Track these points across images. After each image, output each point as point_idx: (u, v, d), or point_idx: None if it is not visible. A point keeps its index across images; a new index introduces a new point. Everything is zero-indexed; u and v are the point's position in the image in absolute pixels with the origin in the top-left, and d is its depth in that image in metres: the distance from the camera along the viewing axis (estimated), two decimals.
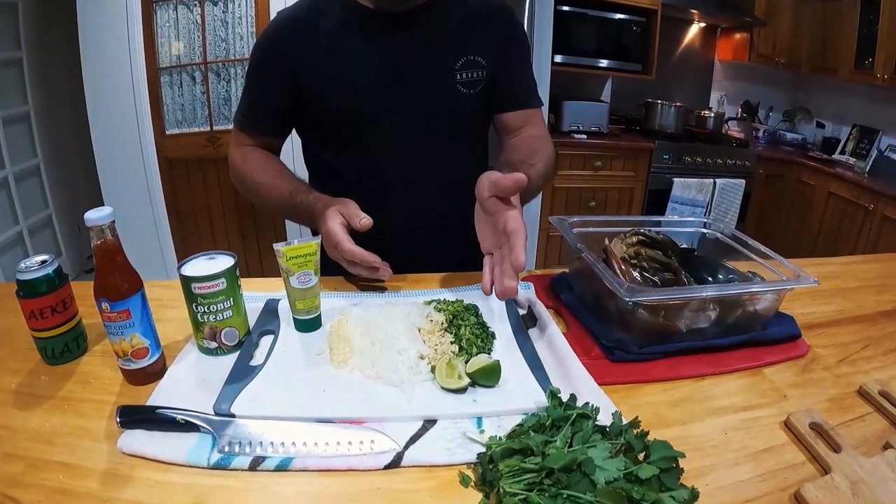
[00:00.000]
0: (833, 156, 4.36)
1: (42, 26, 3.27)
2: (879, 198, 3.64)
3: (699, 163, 4.16)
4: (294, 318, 1.07)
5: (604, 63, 4.19)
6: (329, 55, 1.28)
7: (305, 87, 1.30)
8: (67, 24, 3.07)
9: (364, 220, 1.12)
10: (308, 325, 1.07)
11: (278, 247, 1.01)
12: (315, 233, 1.17)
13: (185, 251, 1.01)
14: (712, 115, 4.57)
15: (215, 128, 3.45)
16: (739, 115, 4.95)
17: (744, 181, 4.20)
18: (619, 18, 4.12)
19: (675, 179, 4.10)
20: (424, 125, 1.34)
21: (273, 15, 1.34)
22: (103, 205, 0.85)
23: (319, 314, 1.08)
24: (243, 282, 1.04)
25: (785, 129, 4.90)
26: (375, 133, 1.32)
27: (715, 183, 4.13)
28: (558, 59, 3.92)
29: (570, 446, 0.72)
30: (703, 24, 4.83)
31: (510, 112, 1.44)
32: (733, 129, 4.78)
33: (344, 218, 1.14)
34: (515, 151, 1.36)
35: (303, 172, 1.48)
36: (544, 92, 2.70)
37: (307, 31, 1.27)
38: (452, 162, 1.37)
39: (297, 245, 1.02)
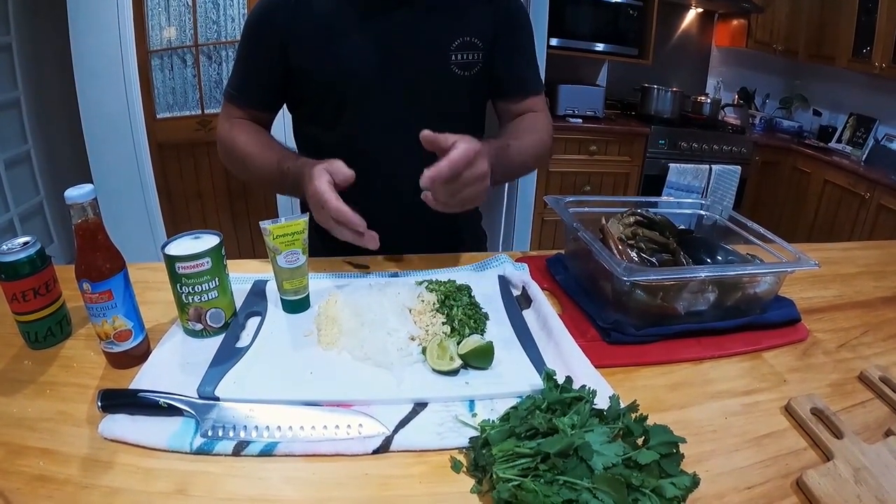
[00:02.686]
0: (829, 144, 4.35)
1: (31, 10, 3.22)
2: (875, 186, 3.63)
3: (695, 148, 4.15)
4: (281, 298, 1.05)
5: (600, 47, 4.17)
6: (322, 30, 1.25)
7: (297, 62, 1.27)
8: (57, 8, 3.03)
9: (345, 174, 1.08)
10: (296, 305, 1.05)
11: (265, 224, 0.99)
12: (304, 210, 1.14)
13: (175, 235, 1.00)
14: (709, 101, 4.55)
15: (206, 111, 3.41)
16: (736, 102, 4.93)
17: (740, 168, 4.20)
18: (616, 2, 4.09)
19: (671, 165, 4.09)
20: (416, 106, 1.31)
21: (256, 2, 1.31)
22: None
23: (308, 295, 1.06)
24: (231, 263, 1.02)
25: (781, 116, 4.88)
26: (366, 111, 1.30)
27: (711, 169, 4.12)
28: (554, 42, 3.89)
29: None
30: (700, 10, 4.79)
31: (510, 99, 1.42)
32: (730, 116, 4.76)
33: (331, 176, 1.10)
34: (507, 128, 1.37)
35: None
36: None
37: (299, 6, 1.25)
38: None
39: (285, 223, 0.99)
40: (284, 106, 1.43)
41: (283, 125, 1.46)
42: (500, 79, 1.39)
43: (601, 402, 0.77)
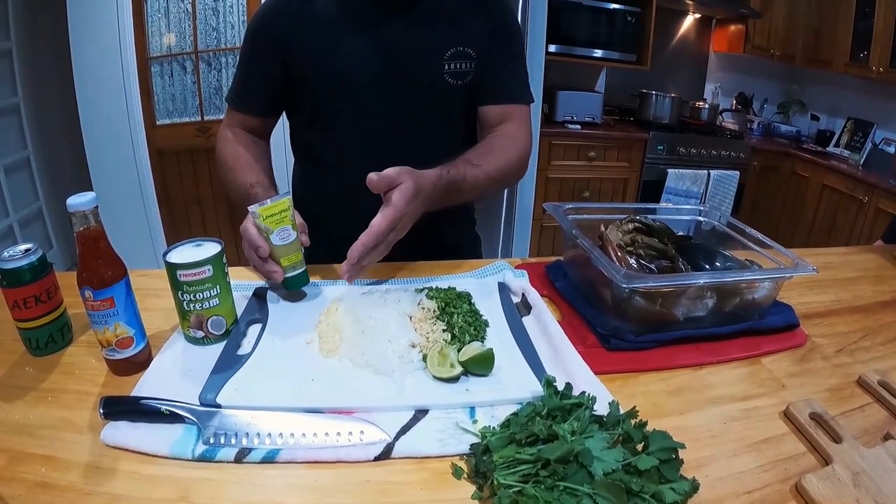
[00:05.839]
0: (827, 148, 4.37)
1: (31, 16, 3.23)
2: (874, 190, 3.64)
3: (693, 154, 4.16)
4: (283, 279, 1.08)
5: (598, 53, 4.18)
6: (320, 39, 1.27)
7: (295, 70, 1.30)
8: (57, 14, 3.04)
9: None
10: (296, 281, 1.09)
11: (253, 208, 1.03)
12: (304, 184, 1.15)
13: (175, 242, 1.00)
14: (707, 106, 4.56)
15: (206, 118, 3.42)
16: (734, 107, 4.94)
17: (738, 173, 4.21)
18: (614, 8, 4.10)
19: (670, 170, 4.10)
20: (409, 113, 1.33)
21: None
22: None
23: (305, 270, 1.10)
24: (231, 270, 1.02)
25: (779, 121, 4.90)
26: (361, 118, 1.32)
27: (709, 174, 4.13)
28: (552, 48, 3.91)
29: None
30: (698, 16, 4.83)
31: (488, 105, 1.41)
32: (728, 121, 4.77)
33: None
34: (473, 149, 1.34)
35: (290, 154, 1.49)
36: (538, 82, 2.65)
37: (300, 14, 1.27)
38: (435, 151, 1.34)
39: (270, 204, 1.04)
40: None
41: (281, 131, 1.47)
42: (482, 86, 1.38)
43: (601, 409, 0.77)
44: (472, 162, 1.26)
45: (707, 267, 1.19)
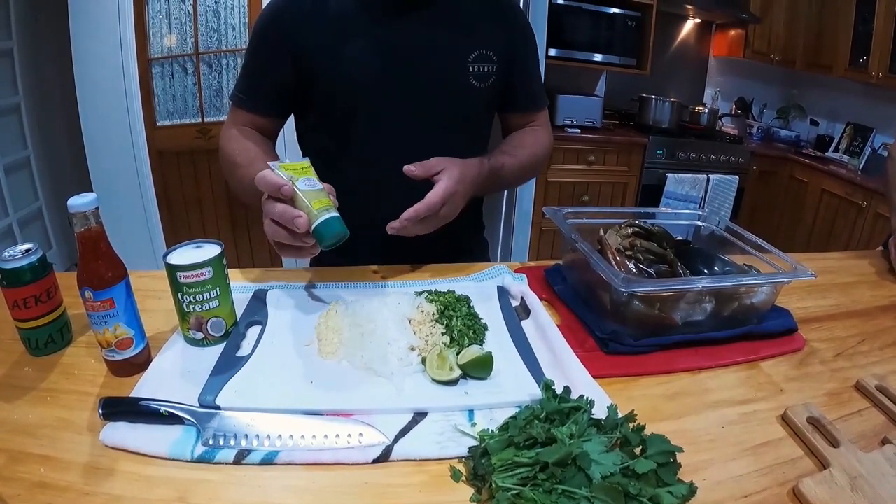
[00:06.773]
0: (826, 153, 4.37)
1: (33, 16, 3.23)
2: (873, 195, 3.63)
3: (693, 158, 4.16)
4: (316, 228, 0.93)
5: (598, 57, 4.18)
6: (333, 38, 1.24)
7: (306, 69, 1.26)
8: (59, 15, 3.04)
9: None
10: (333, 224, 0.94)
11: (273, 163, 0.98)
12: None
13: (175, 243, 0.99)
14: (706, 111, 4.56)
15: (206, 119, 3.41)
16: (733, 112, 4.95)
17: (737, 177, 4.21)
18: (615, 13, 4.11)
19: (669, 175, 4.10)
20: (429, 114, 1.31)
21: (265, 5, 1.31)
22: None
23: (340, 217, 0.96)
24: (231, 272, 1.02)
25: (779, 125, 4.90)
26: (376, 119, 1.30)
27: (708, 179, 4.13)
28: (553, 52, 3.91)
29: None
30: (698, 20, 4.84)
31: (520, 113, 1.50)
32: (727, 126, 4.78)
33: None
34: (505, 142, 1.48)
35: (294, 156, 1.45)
36: None
37: (313, 11, 1.24)
38: (447, 152, 1.34)
39: (290, 163, 1.01)
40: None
41: (282, 134, 1.46)
42: (513, 94, 1.43)
43: (599, 412, 0.77)
44: (507, 153, 1.37)
45: (706, 271, 1.19)
